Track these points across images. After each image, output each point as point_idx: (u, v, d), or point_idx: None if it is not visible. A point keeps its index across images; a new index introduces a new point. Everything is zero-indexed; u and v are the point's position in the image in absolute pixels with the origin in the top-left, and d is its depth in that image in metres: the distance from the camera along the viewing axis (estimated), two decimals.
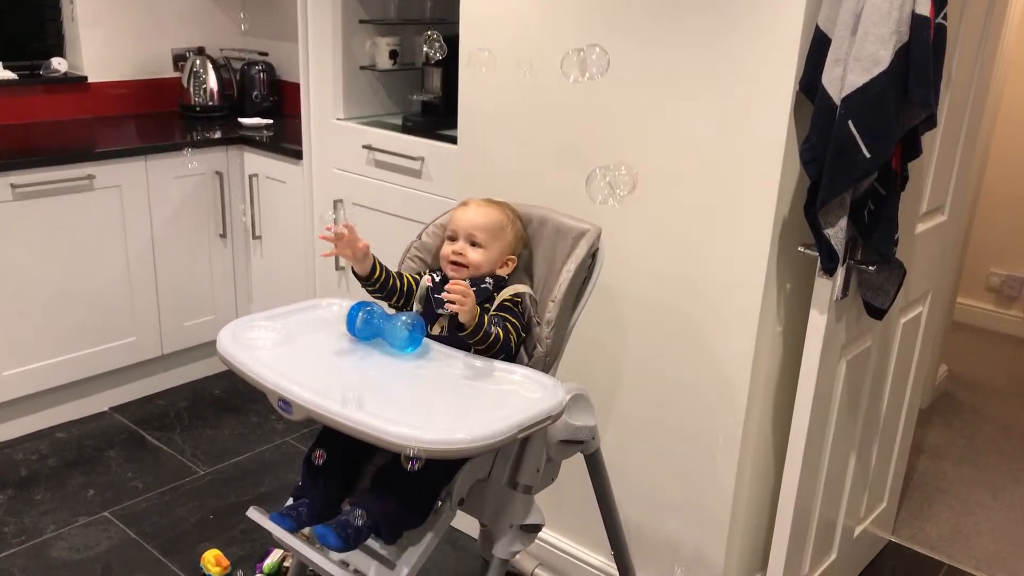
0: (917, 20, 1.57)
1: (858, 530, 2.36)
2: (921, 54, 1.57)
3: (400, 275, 1.71)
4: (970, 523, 2.75)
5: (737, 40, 1.74)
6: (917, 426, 3.17)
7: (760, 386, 1.93)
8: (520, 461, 1.61)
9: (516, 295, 1.65)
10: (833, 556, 2.25)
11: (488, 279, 1.69)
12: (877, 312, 1.90)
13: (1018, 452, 3.21)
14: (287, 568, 2.33)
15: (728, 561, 2.04)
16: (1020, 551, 2.62)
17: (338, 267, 3.01)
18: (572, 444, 1.68)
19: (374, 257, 1.66)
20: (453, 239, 1.71)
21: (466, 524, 2.47)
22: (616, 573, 2.05)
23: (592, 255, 1.71)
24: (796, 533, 2.00)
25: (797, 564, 2.08)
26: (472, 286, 1.62)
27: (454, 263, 1.69)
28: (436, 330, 1.67)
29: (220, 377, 3.44)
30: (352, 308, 1.61)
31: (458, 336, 1.59)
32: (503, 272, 1.72)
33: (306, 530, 1.57)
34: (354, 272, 1.68)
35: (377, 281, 1.67)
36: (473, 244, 1.69)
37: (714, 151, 1.82)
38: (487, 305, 1.65)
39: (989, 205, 4.09)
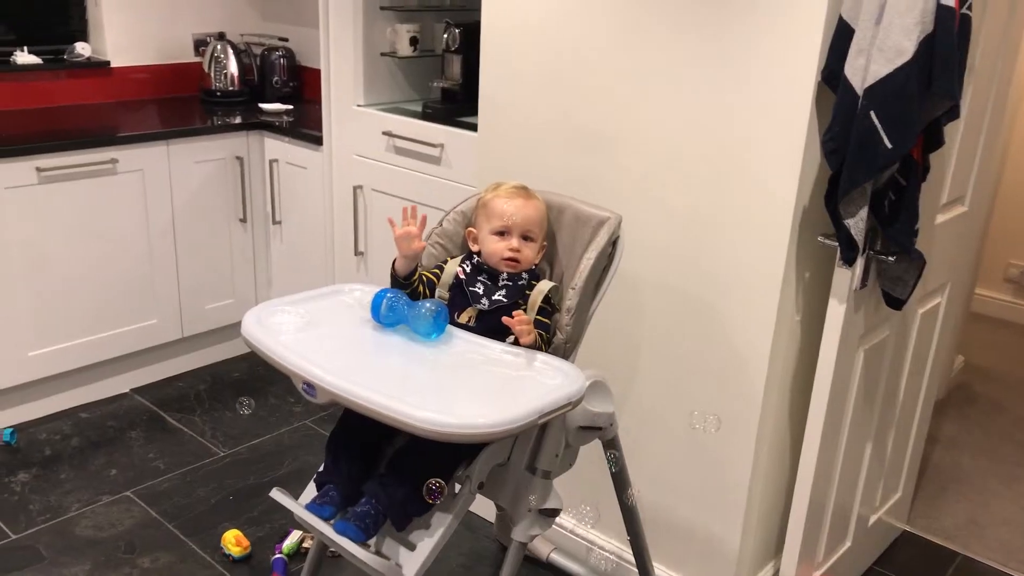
0: (942, 10, 1.57)
1: (873, 519, 2.37)
2: (946, 45, 1.57)
3: (420, 277, 1.73)
4: (985, 514, 2.75)
5: (760, 30, 1.74)
6: (933, 417, 3.17)
7: (777, 374, 1.94)
8: (539, 446, 1.64)
9: (549, 292, 1.68)
10: (848, 544, 2.26)
11: (524, 274, 1.71)
12: (896, 303, 1.90)
13: None
14: (306, 549, 2.37)
15: (743, 546, 2.06)
16: None
17: (357, 252, 3.04)
18: (591, 430, 1.70)
19: (418, 262, 1.71)
20: (504, 234, 1.71)
21: (482, 508, 2.50)
22: (632, 557, 2.08)
23: (612, 243, 1.72)
24: (811, 520, 2.02)
25: (812, 551, 2.09)
26: (510, 282, 1.69)
27: (509, 259, 1.70)
28: (464, 319, 1.69)
29: (240, 360, 3.48)
30: (377, 294, 1.64)
31: (487, 330, 1.64)
32: (538, 260, 1.74)
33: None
34: (393, 269, 1.70)
35: (410, 284, 1.71)
36: (525, 239, 1.70)
37: (736, 141, 1.83)
38: (522, 304, 1.68)
39: (1009, 196, 4.07)
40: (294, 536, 2.39)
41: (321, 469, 1.67)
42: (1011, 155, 3.65)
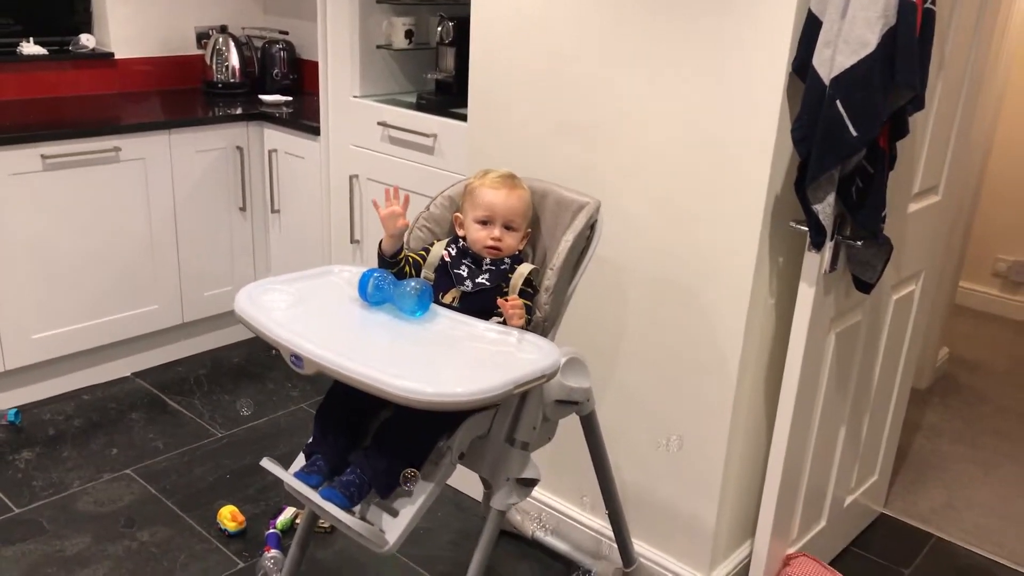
0: (904, 5, 1.64)
1: (848, 500, 2.44)
2: (907, 38, 1.64)
3: (407, 258, 1.81)
4: (961, 498, 2.83)
5: (734, 23, 1.81)
6: (915, 406, 3.25)
7: (752, 356, 2.01)
8: (517, 419, 1.71)
9: (529, 274, 1.76)
10: (823, 523, 2.34)
11: (508, 259, 1.79)
12: (865, 286, 1.97)
13: (1015, 432, 3.27)
14: (299, 524, 2.44)
15: (719, 525, 2.13)
16: (1008, 525, 2.70)
17: (353, 240, 3.11)
18: (567, 404, 1.77)
19: (403, 241, 1.78)
20: (487, 223, 1.78)
21: (471, 488, 2.58)
22: (612, 535, 2.16)
23: (591, 226, 1.80)
24: (784, 497, 2.09)
25: (785, 528, 2.17)
26: (492, 266, 1.77)
27: (491, 247, 1.77)
28: (448, 299, 1.77)
29: (239, 346, 3.57)
30: (364, 274, 1.71)
31: (469, 309, 1.72)
32: (522, 246, 1.82)
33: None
34: (380, 249, 1.78)
35: (397, 263, 1.78)
36: (507, 228, 1.78)
37: (710, 129, 1.90)
38: (504, 287, 1.75)
39: (996, 191, 4.14)
40: (288, 513, 2.48)
41: (310, 440, 1.75)
42: (996, 151, 3.71)
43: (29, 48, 3.32)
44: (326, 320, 1.67)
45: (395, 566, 2.35)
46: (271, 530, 2.41)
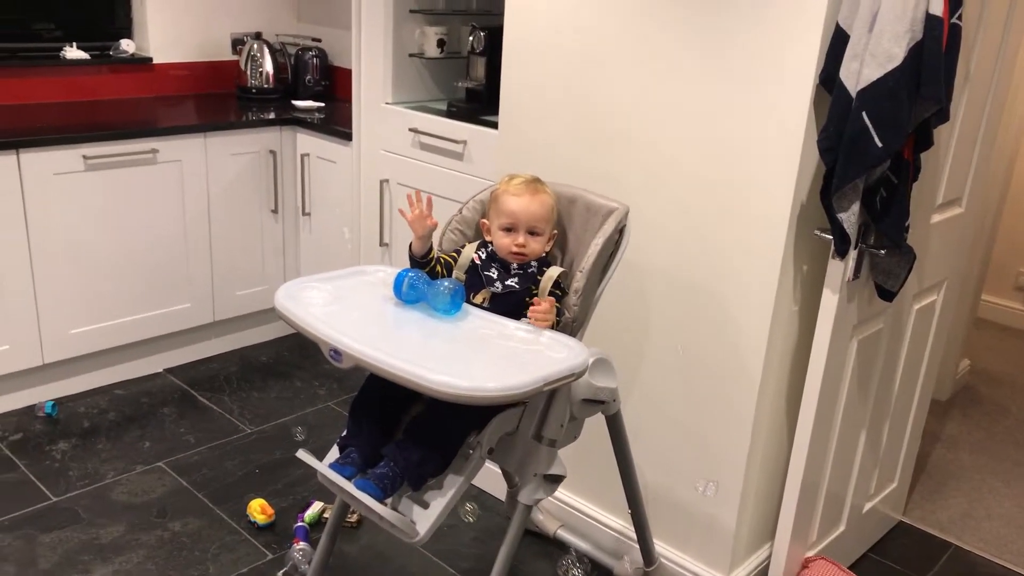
0: (930, 20, 1.68)
1: (867, 506, 2.47)
2: (933, 52, 1.69)
3: (439, 259, 1.87)
4: (981, 508, 2.84)
5: (763, 35, 1.86)
6: (936, 417, 3.27)
7: (775, 361, 2.05)
8: (545, 416, 1.76)
9: (559, 277, 1.82)
10: (842, 528, 2.37)
11: (534, 263, 1.84)
12: (887, 294, 2.01)
13: None
14: (327, 519, 2.50)
15: (739, 527, 2.17)
16: None
17: (382, 243, 3.18)
18: (594, 404, 1.82)
19: (431, 242, 1.84)
20: (511, 230, 1.83)
21: (494, 487, 2.63)
22: (634, 535, 2.20)
23: (619, 231, 1.85)
24: (804, 501, 2.12)
25: (805, 532, 2.20)
26: (521, 270, 1.82)
27: (516, 253, 1.82)
28: (479, 300, 1.83)
29: (268, 344, 3.64)
30: (399, 274, 1.77)
31: (499, 310, 1.78)
32: (548, 248, 1.87)
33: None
34: (410, 251, 1.84)
35: (427, 263, 1.84)
36: (532, 233, 1.83)
37: (738, 138, 1.95)
38: (533, 289, 1.80)
39: (1019, 206, 4.15)
40: (316, 506, 2.53)
41: (344, 434, 1.81)
42: (1020, 165, 3.73)
43: (72, 53, 3.41)
44: (363, 317, 1.73)
45: (419, 560, 2.40)
46: (299, 523, 2.47)
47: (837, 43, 1.78)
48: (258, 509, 2.51)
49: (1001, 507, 2.86)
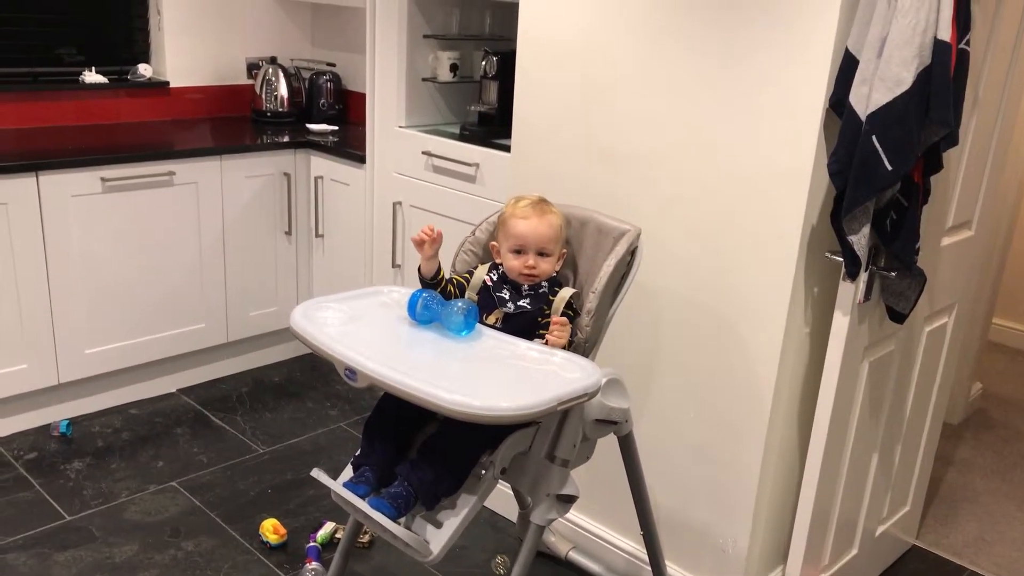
0: (938, 45, 1.70)
1: (880, 530, 2.46)
2: (941, 77, 1.71)
3: (451, 280, 1.90)
4: (994, 532, 2.83)
5: (774, 60, 1.89)
6: (948, 440, 3.26)
7: (786, 383, 2.06)
8: (558, 436, 1.77)
9: (571, 298, 1.83)
10: (854, 551, 2.36)
11: (545, 283, 1.86)
12: (899, 316, 2.02)
13: None
14: (339, 539, 2.51)
15: (751, 550, 2.16)
16: None
17: (395, 264, 3.21)
18: (606, 424, 1.83)
19: (439, 262, 1.87)
20: (520, 252, 1.85)
21: (506, 509, 2.63)
22: (646, 557, 2.20)
23: (631, 252, 1.87)
24: (817, 523, 2.12)
25: (817, 555, 2.20)
26: (532, 291, 1.84)
27: (527, 275, 1.84)
28: (492, 320, 1.84)
29: (280, 365, 3.67)
30: (413, 294, 1.80)
31: (512, 330, 1.80)
32: (558, 267, 1.89)
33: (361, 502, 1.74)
34: (419, 272, 1.87)
35: (436, 284, 1.87)
36: (541, 254, 1.85)
37: (749, 161, 1.97)
38: (545, 309, 1.82)
39: None
40: (328, 527, 2.54)
41: (358, 453, 1.82)
42: None
43: (91, 77, 3.47)
44: (377, 336, 1.75)
45: None
46: (311, 543, 2.48)
47: (846, 67, 1.80)
48: (271, 529, 2.52)
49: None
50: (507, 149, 2.54)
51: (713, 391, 2.14)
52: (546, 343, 1.76)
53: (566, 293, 1.85)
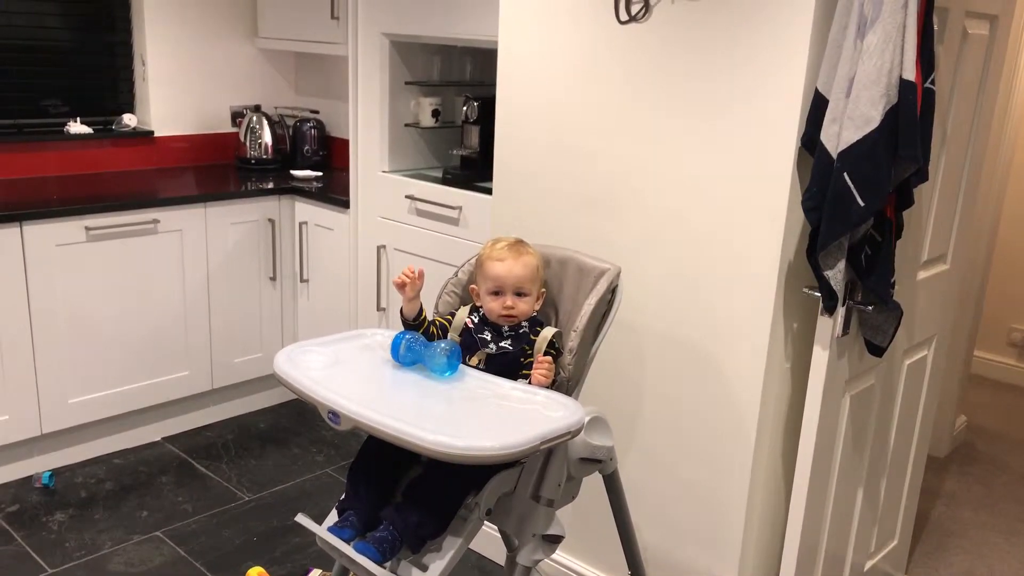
0: (904, 85, 1.75)
1: (868, 564, 2.46)
2: (908, 115, 1.75)
3: (434, 321, 1.91)
4: (983, 566, 2.83)
5: (745, 102, 1.93)
6: (934, 473, 3.27)
7: (769, 417, 2.07)
8: (543, 476, 1.78)
9: (553, 337, 1.85)
10: None
11: (524, 323, 1.87)
12: (877, 350, 2.04)
13: None
14: None
15: None
16: None
17: (379, 308, 3.22)
18: (591, 463, 1.83)
19: (420, 303, 1.88)
20: (498, 293, 1.86)
21: (494, 552, 2.61)
22: None
23: (612, 291, 1.89)
24: (804, 559, 2.12)
25: None
26: (512, 332, 1.86)
27: (505, 316, 1.85)
28: (474, 361, 1.86)
29: (266, 412, 3.65)
30: (396, 336, 1.81)
31: (494, 371, 1.81)
32: (537, 306, 1.90)
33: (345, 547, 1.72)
34: (402, 314, 1.88)
35: (419, 325, 1.88)
36: (519, 295, 1.87)
37: (725, 201, 2.01)
38: (528, 349, 1.84)
39: (1008, 262, 4.21)
40: (314, 573, 2.52)
41: (343, 497, 1.82)
42: (1006, 222, 3.80)
43: (76, 127, 3.50)
44: (361, 379, 1.76)
45: None
46: None
47: (816, 107, 1.85)
48: None
49: (1004, 565, 2.84)
50: (489, 192, 2.58)
51: (697, 427, 2.15)
52: (530, 382, 1.78)
53: (548, 332, 1.86)
